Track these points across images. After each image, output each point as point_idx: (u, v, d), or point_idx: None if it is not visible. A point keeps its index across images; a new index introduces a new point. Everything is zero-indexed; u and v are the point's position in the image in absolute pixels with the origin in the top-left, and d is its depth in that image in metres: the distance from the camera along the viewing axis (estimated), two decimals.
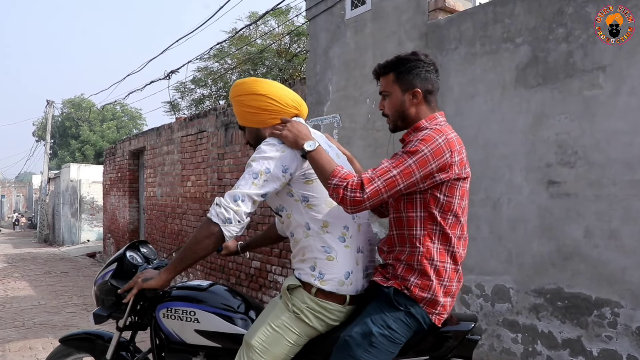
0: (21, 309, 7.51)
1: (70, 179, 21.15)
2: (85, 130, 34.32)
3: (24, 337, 5.88)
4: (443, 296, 2.08)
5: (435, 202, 2.08)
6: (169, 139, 9.68)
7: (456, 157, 2.05)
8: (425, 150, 2.00)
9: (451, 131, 2.13)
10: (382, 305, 2.11)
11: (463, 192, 2.12)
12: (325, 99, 5.28)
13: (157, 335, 2.64)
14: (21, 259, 15.05)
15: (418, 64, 2.18)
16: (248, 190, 2.11)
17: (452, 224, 2.10)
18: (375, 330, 2.04)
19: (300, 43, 10.68)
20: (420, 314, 2.08)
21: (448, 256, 2.10)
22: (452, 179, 2.05)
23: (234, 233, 2.13)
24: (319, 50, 5.40)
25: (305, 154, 2.13)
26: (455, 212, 2.10)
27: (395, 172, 2.00)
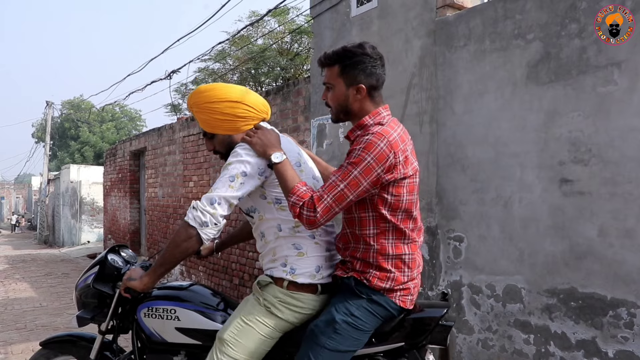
0: (23, 310, 7.46)
1: (70, 180, 21.09)
2: (85, 132, 34.29)
3: (26, 340, 5.83)
4: (404, 282, 2.15)
5: (384, 202, 2.12)
6: (171, 140, 9.63)
7: (400, 156, 2.08)
8: (369, 159, 2.02)
9: (395, 127, 2.15)
10: (345, 294, 2.16)
11: (412, 188, 2.16)
12: None
13: (138, 336, 2.67)
14: (22, 260, 15.00)
15: (364, 59, 2.18)
16: (224, 193, 2.14)
17: (402, 219, 2.15)
18: (338, 318, 2.09)
19: (301, 42, 10.67)
20: (383, 300, 2.14)
21: (405, 247, 2.16)
22: (398, 179, 2.09)
23: (211, 236, 2.18)
24: (323, 48, 5.34)
25: (271, 165, 2.16)
26: (405, 209, 2.15)
27: (342, 186, 2.03)
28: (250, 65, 10.26)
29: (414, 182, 2.17)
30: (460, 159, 3.90)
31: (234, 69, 11.08)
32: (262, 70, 10.35)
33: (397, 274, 2.14)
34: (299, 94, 5.85)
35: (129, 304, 2.68)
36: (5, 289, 9.45)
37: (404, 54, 4.30)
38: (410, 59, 4.26)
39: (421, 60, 4.18)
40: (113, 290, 2.67)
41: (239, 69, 10.79)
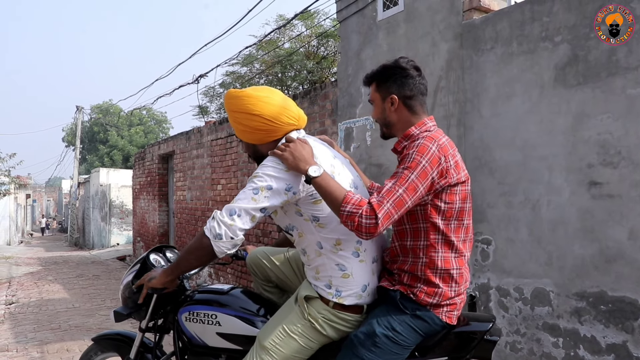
0: (56, 311, 7.63)
1: (99, 183, 21.44)
2: (114, 135, 34.79)
3: (60, 339, 5.96)
4: (452, 297, 2.13)
5: (437, 211, 2.11)
6: (199, 143, 9.74)
7: (451, 160, 2.09)
8: (424, 162, 2.02)
9: (442, 136, 2.16)
10: (389, 307, 2.14)
11: (464, 196, 2.15)
12: (358, 101, 5.26)
13: (179, 338, 2.69)
14: (54, 262, 15.30)
15: (396, 71, 2.22)
16: (246, 205, 2.05)
17: (455, 229, 2.14)
18: (378, 331, 2.07)
19: (328, 46, 10.71)
20: (428, 317, 2.11)
21: (453, 262, 2.14)
22: (451, 184, 2.08)
23: (224, 249, 2.09)
24: (350, 52, 5.38)
25: (309, 180, 2.07)
26: (458, 217, 2.14)
27: (401, 191, 1.99)
28: (277, 68, 10.32)
29: (465, 189, 2.16)
30: (487, 162, 3.90)
31: (261, 72, 11.16)
32: (289, 73, 10.41)
33: (444, 289, 2.11)
34: (326, 98, 5.89)
35: (170, 305, 2.74)
36: (39, 290, 9.66)
37: (430, 57, 4.32)
38: (437, 62, 4.27)
39: (448, 64, 4.19)
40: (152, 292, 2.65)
41: (266, 73, 10.87)
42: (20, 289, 10.01)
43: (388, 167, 4.85)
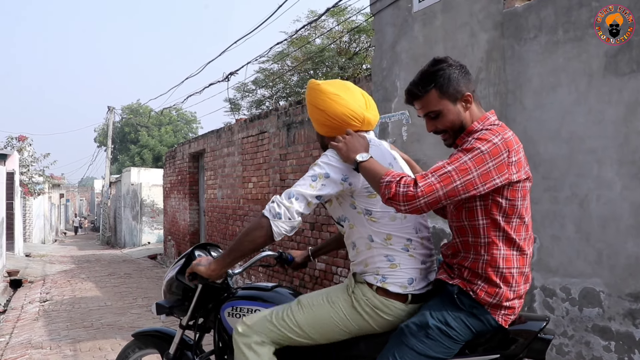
0: (89, 309, 7.66)
1: (130, 182, 21.65)
2: (144, 135, 35.16)
3: (93, 338, 5.96)
4: (511, 299, 2.07)
5: (498, 207, 2.04)
6: (229, 141, 9.70)
7: (513, 157, 2.00)
8: (483, 148, 1.95)
9: (507, 130, 2.08)
10: (445, 301, 2.08)
11: (525, 193, 2.07)
12: (393, 96, 5.12)
13: (220, 336, 2.67)
14: (86, 260, 15.48)
15: (453, 70, 2.12)
16: (304, 190, 2.13)
17: (516, 227, 2.07)
18: (432, 323, 2.03)
19: (360, 42, 10.57)
20: (484, 317, 2.06)
21: (515, 261, 2.07)
22: (512, 182, 2.00)
23: (282, 230, 2.12)
24: (385, 45, 5.25)
25: (357, 167, 2.10)
26: (520, 214, 2.07)
27: (450, 168, 1.92)
28: (309, 65, 10.22)
29: (526, 186, 2.08)
30: (531, 156, 3.71)
31: (292, 69, 11.08)
32: (320, 70, 10.29)
33: (504, 289, 2.05)
34: None
35: (212, 302, 2.72)
36: (72, 288, 9.74)
37: (469, 48, 4.16)
38: (477, 53, 4.12)
39: (488, 54, 4.03)
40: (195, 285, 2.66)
41: (298, 70, 10.79)
42: (54, 286, 10.11)
43: (425, 162, 4.71)
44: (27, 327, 6.88)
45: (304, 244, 6.93)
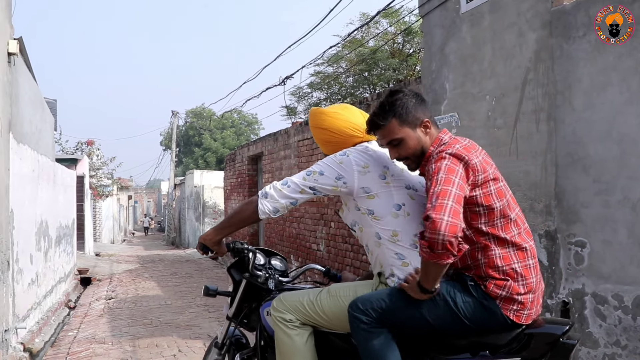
0: (150, 307, 7.94)
1: (194, 184, 22.20)
2: (207, 138, 35.94)
3: (151, 335, 6.18)
4: (522, 293, 2.12)
5: (477, 217, 2.16)
6: (286, 144, 9.83)
7: (474, 160, 2.15)
8: (446, 162, 2.10)
9: (460, 140, 2.25)
10: (458, 286, 2.17)
11: (500, 193, 2.18)
12: (442, 98, 5.08)
13: (262, 335, 2.74)
14: (151, 260, 15.98)
15: (410, 99, 2.29)
16: (297, 180, 2.38)
17: (503, 226, 2.17)
18: (442, 292, 2.14)
19: (414, 43, 10.50)
20: (492, 309, 2.12)
21: (513, 257, 2.16)
22: (479, 183, 2.13)
23: (266, 209, 2.35)
24: (433, 47, 5.21)
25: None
26: (502, 214, 2.17)
27: (438, 188, 2.02)
28: (363, 66, 10.23)
29: (500, 186, 2.20)
30: (581, 158, 3.63)
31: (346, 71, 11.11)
32: (374, 72, 10.28)
33: (512, 282, 2.12)
34: None
35: (256, 302, 2.82)
36: (135, 287, 10.10)
37: (517, 48, 4.09)
38: (525, 53, 4.03)
39: (536, 54, 3.94)
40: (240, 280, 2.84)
41: (352, 72, 10.81)
42: (119, 285, 10.51)
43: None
44: (93, 322, 7.19)
45: (357, 245, 6.94)
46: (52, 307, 7.96)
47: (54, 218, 8.67)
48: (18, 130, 6.18)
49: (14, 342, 5.61)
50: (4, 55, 5.53)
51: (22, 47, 6.42)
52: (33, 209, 6.87)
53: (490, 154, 4.41)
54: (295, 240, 9.26)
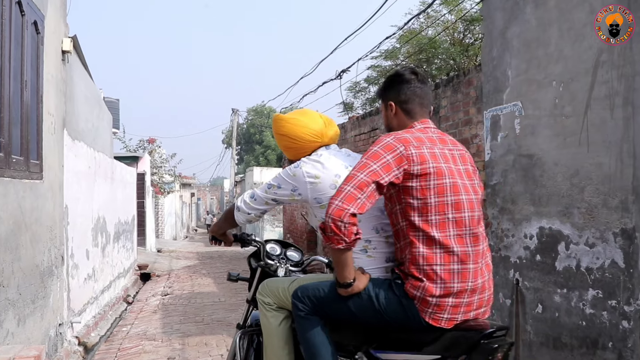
0: (203, 304, 7.89)
1: (253, 182, 22.29)
2: (268, 136, 36.17)
3: (201, 333, 6.11)
4: (437, 296, 2.12)
5: (412, 209, 2.18)
6: (342, 139, 9.62)
7: (412, 150, 2.18)
8: (376, 148, 2.19)
9: (414, 132, 2.30)
10: (385, 283, 2.26)
11: (440, 190, 2.18)
12: (504, 86, 4.74)
13: None
14: (209, 257, 16.10)
15: (393, 78, 2.49)
16: (261, 193, 2.65)
17: (438, 224, 2.16)
18: (367, 289, 2.23)
19: (475, 32, 10.07)
20: (411, 309, 2.16)
21: (437, 258, 2.14)
22: (414, 174, 2.15)
23: (239, 219, 2.76)
24: (494, 32, 4.88)
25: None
26: (438, 211, 2.16)
27: (353, 171, 2.14)
28: (422, 56, 9.88)
29: (442, 183, 2.18)
30: None
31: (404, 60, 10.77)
32: (434, 63, 9.92)
33: (427, 283, 2.13)
34: (470, 84, 5.42)
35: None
36: (191, 283, 10.12)
37: (588, 27, 3.73)
38: (597, 32, 3.67)
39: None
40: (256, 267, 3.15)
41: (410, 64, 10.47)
42: (176, 281, 10.56)
43: (540, 157, 4.31)
44: (146, 318, 7.20)
45: None
46: (110, 302, 8.03)
47: (112, 214, 8.76)
48: (73, 127, 6.21)
49: (69, 336, 5.63)
50: (58, 53, 5.55)
51: (76, 45, 6.45)
52: (89, 205, 6.92)
53: (559, 144, 4.07)
54: None
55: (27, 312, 4.33)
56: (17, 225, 4.17)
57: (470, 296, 2.17)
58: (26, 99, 4.46)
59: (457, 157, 2.32)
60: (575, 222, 3.96)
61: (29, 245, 4.42)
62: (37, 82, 4.79)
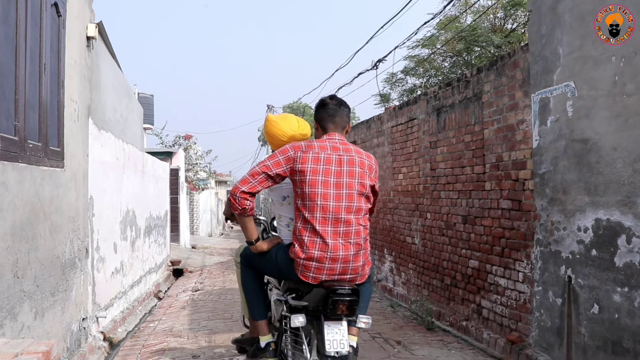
0: (233, 301, 7.62)
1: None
2: None
3: (229, 330, 5.84)
4: (304, 259, 3.01)
5: (298, 196, 3.10)
6: (379, 131, 9.28)
7: (298, 154, 3.10)
8: (275, 152, 3.20)
9: (310, 144, 3.17)
10: (286, 247, 3.20)
11: (313, 183, 3.04)
12: (555, 65, 4.35)
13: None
14: None
15: (318, 104, 3.38)
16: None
17: (310, 207, 3.04)
18: (271, 251, 3.28)
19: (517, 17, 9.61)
20: (290, 266, 3.09)
21: (307, 232, 3.03)
22: (295, 170, 3.08)
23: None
24: (543, 7, 4.50)
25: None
26: (309, 198, 3.03)
27: (254, 165, 3.23)
28: (461, 46, 9.43)
29: (315, 179, 3.05)
30: None
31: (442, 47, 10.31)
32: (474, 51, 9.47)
33: (298, 248, 3.05)
34: (516, 66, 5.02)
35: None
36: (223, 279, 9.89)
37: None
38: None
39: None
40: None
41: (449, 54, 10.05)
42: (208, 277, 10.36)
43: (597, 142, 3.92)
44: (174, 314, 6.98)
45: (455, 238, 6.29)
46: (140, 297, 7.86)
47: (143, 208, 8.59)
48: (100, 116, 6.03)
49: (94, 331, 5.44)
50: (83, 38, 5.35)
51: (102, 32, 6.26)
52: (117, 198, 6.74)
53: (620, 126, 3.66)
54: (389, 233, 8.69)
55: (45, 305, 4.13)
56: (34, 214, 3.96)
57: (331, 263, 3.00)
58: (45, 83, 4.25)
59: (343, 161, 3.11)
60: (638, 213, 3.56)
61: (48, 235, 4.21)
62: (58, 67, 4.59)
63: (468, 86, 5.98)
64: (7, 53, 3.65)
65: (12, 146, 3.65)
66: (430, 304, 6.69)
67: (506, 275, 5.19)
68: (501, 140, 5.28)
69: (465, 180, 6.06)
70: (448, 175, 6.52)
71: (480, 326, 5.61)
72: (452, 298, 6.36)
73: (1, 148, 3.48)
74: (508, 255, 5.16)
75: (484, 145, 5.63)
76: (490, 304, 5.48)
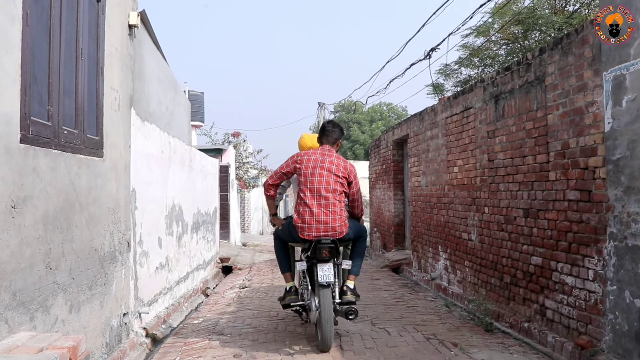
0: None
1: None
2: (355, 131, 35.71)
3: (274, 329, 5.60)
4: (300, 223, 4.87)
5: (299, 182, 5.01)
6: (433, 123, 8.88)
7: (297, 157, 5.11)
8: (287, 159, 5.23)
9: (307, 152, 5.14)
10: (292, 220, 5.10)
11: (306, 174, 4.95)
12: (632, 37, 3.89)
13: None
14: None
15: (321, 127, 5.44)
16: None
17: (303, 190, 4.93)
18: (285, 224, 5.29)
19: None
20: (295, 230, 4.94)
21: (301, 205, 4.90)
22: (295, 168, 5.06)
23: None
24: None
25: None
26: (304, 184, 4.95)
27: (276, 168, 5.38)
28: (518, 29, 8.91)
29: (307, 172, 4.96)
30: None
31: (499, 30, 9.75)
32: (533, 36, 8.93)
33: (295, 216, 4.94)
34: (585, 43, 4.56)
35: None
36: (272, 276, 9.67)
37: None
38: None
39: None
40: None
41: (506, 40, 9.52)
42: (257, 274, 10.15)
43: None
44: (219, 311, 6.76)
45: (515, 234, 5.86)
46: (187, 293, 7.73)
47: (190, 203, 8.46)
48: (143, 107, 5.89)
49: (136, 327, 5.29)
50: (124, 26, 5.19)
51: (145, 22, 6.12)
52: (162, 192, 6.59)
53: None
54: (444, 229, 8.27)
55: (82, 298, 3.97)
56: (69, 204, 3.80)
57: (317, 224, 4.82)
58: (82, 69, 4.09)
59: (325, 161, 4.99)
60: None
61: (85, 226, 4.04)
62: (97, 53, 4.43)
63: (529, 69, 5.54)
64: (40, 34, 3.48)
65: (44, 131, 3.48)
66: (489, 304, 6.27)
67: (574, 273, 4.74)
68: (567, 125, 4.84)
69: (527, 170, 5.62)
70: (507, 166, 6.08)
71: (544, 328, 5.17)
72: (512, 298, 5.92)
73: (33, 133, 3.31)
74: (576, 251, 4.71)
75: (547, 132, 5.19)
76: (555, 304, 5.03)
